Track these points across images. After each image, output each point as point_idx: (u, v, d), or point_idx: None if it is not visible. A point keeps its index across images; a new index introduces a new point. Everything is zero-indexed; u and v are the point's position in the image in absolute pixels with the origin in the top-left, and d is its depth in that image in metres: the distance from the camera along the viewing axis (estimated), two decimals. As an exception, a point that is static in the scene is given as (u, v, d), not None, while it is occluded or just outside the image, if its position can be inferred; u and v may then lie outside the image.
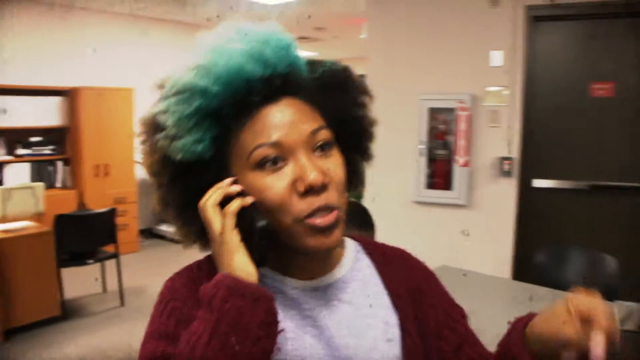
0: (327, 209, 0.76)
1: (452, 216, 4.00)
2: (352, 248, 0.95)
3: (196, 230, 0.84)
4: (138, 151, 0.77)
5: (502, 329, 0.85)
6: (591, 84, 3.60)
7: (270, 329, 0.72)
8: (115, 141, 6.04)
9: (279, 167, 0.76)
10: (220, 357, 0.68)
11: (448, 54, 3.97)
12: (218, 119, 0.77)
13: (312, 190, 0.74)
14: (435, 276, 0.97)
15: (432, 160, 4.02)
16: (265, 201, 0.76)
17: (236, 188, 0.78)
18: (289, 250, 0.81)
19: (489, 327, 1.16)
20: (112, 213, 4.53)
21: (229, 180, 0.78)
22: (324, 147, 0.79)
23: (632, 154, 3.58)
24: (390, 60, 4.22)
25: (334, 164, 0.79)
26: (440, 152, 3.99)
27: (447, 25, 3.99)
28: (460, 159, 3.89)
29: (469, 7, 3.87)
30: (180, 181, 0.80)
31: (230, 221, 0.75)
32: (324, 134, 0.79)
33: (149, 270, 5.59)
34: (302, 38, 8.60)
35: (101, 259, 4.59)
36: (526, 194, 3.80)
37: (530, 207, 3.82)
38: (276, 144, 0.76)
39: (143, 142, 0.82)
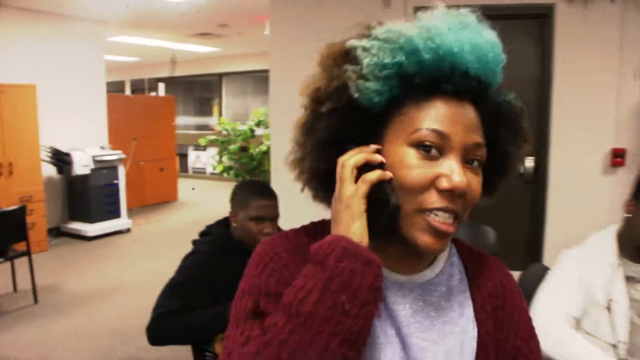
0: (453, 213, 0.76)
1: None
2: (446, 250, 0.93)
3: (323, 176, 0.83)
4: (44, 150, 0.80)
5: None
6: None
7: (377, 293, 0.72)
8: (19, 139, 5.91)
9: (434, 156, 0.76)
10: (330, 315, 0.69)
11: (345, 51, 4.25)
12: (406, 84, 0.76)
13: (451, 192, 0.74)
14: (522, 295, 0.94)
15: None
16: (404, 179, 0.76)
17: (379, 158, 0.77)
18: (393, 240, 0.81)
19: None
20: (21, 211, 4.49)
21: (373, 147, 0.78)
22: (476, 163, 0.79)
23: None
24: (292, 57, 4.36)
25: (477, 182, 0.79)
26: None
27: (344, 24, 4.19)
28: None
29: (364, 7, 4.15)
30: (337, 119, 0.79)
31: (364, 188, 0.75)
32: (483, 152, 0.79)
33: (60, 269, 5.55)
34: (205, 34, 8.65)
35: (11, 257, 4.54)
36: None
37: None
38: (443, 135, 0.75)
39: (324, 64, 0.82)
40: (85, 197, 6.69)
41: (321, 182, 0.84)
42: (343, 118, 0.78)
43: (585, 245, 1.86)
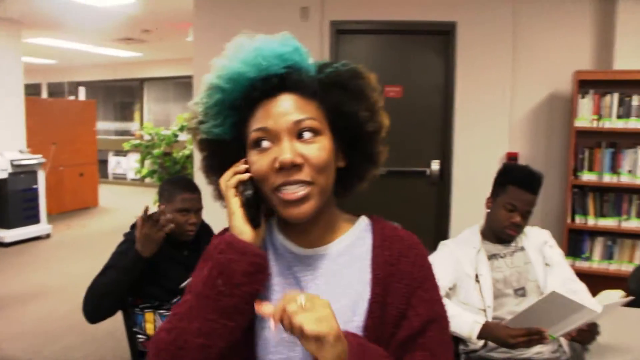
0: (297, 183, 0.91)
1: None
2: (361, 226, 1.07)
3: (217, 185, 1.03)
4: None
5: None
6: (385, 87, 4.35)
7: (252, 277, 0.91)
8: None
9: (267, 148, 0.93)
10: (209, 294, 0.90)
11: (266, 61, 4.47)
12: (235, 110, 0.96)
13: (285, 168, 0.90)
14: (425, 267, 1.02)
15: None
16: (254, 174, 0.95)
17: (243, 167, 0.97)
18: (286, 222, 0.99)
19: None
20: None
21: (243, 166, 0.97)
22: (308, 134, 0.93)
23: (415, 145, 4.40)
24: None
25: (314, 149, 0.93)
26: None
27: (265, 34, 4.47)
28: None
29: (283, 19, 4.38)
30: (214, 155, 1.02)
31: (229, 192, 0.96)
32: (308, 123, 0.93)
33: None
34: (127, 39, 8.62)
35: None
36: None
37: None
38: (263, 129, 0.93)
39: (189, 128, 1.03)
40: (2, 202, 6.51)
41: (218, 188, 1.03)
42: (216, 155, 1.02)
43: (457, 237, 2.30)
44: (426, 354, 0.95)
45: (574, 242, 4.01)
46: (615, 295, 1.85)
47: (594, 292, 1.98)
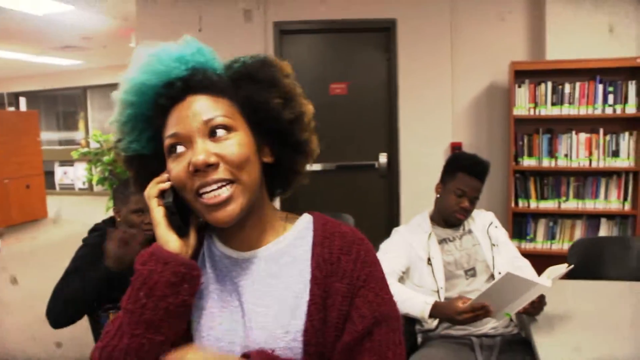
0: (216, 182, 0.87)
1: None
2: (301, 225, 1.01)
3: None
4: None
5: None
6: (330, 84, 4.43)
7: (176, 288, 0.86)
8: None
9: (181, 153, 0.89)
10: (133, 309, 0.85)
11: (212, 63, 4.50)
12: (148, 122, 0.93)
13: (199, 170, 0.86)
14: (370, 263, 0.96)
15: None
16: (173, 181, 0.91)
17: (165, 176, 0.93)
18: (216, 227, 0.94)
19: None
20: None
21: (165, 176, 0.93)
22: (221, 132, 0.89)
23: (363, 139, 4.51)
24: None
25: (229, 145, 0.89)
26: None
27: (209, 37, 4.37)
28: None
29: (227, 22, 4.44)
30: (138, 172, 0.99)
31: (152, 202, 0.93)
32: (219, 120, 0.89)
33: None
34: (68, 47, 8.45)
35: None
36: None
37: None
38: (175, 135, 0.89)
39: (112, 147, 1.02)
40: (-55, 219, 6.33)
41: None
42: (140, 170, 0.99)
43: (409, 223, 2.42)
44: (374, 359, 0.90)
45: (519, 225, 4.19)
46: (561, 268, 1.99)
47: (540, 270, 2.10)
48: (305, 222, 1.02)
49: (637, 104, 3.89)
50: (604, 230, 4.10)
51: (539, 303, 1.95)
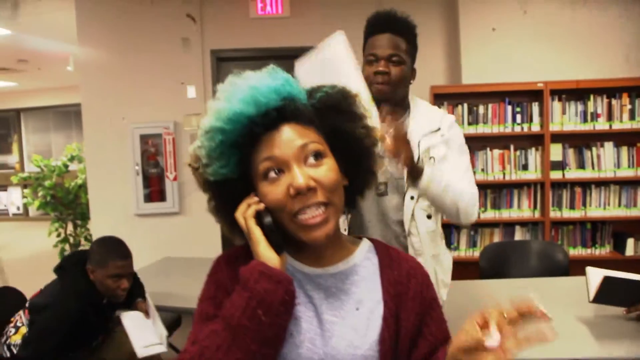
0: (315, 205, 0.92)
1: (168, 222, 4.74)
2: (364, 248, 1.10)
3: (238, 228, 0.99)
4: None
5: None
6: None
7: (288, 305, 0.91)
8: None
9: (277, 177, 0.94)
10: (250, 325, 0.88)
11: (153, 88, 4.68)
12: (238, 148, 0.94)
13: (300, 193, 0.91)
14: (431, 286, 1.09)
15: (147, 177, 4.71)
16: (269, 204, 0.95)
17: (256, 199, 0.96)
18: (303, 245, 0.98)
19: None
20: None
21: (255, 199, 0.96)
22: (315, 157, 0.94)
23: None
24: (103, 93, 4.69)
25: (324, 170, 0.94)
26: (153, 170, 4.71)
27: (150, 64, 4.69)
28: (170, 174, 4.68)
29: (167, 49, 4.65)
30: (222, 195, 1.00)
31: (250, 222, 0.95)
32: (313, 146, 0.94)
33: None
34: (3, 69, 8.36)
35: None
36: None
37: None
38: (271, 158, 0.93)
39: (194, 171, 1.00)
40: None
41: (231, 224, 1.02)
42: (224, 195, 1.00)
43: None
44: None
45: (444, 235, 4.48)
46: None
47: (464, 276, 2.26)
48: (367, 246, 1.11)
49: (540, 123, 4.30)
50: (519, 235, 4.46)
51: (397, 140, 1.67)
